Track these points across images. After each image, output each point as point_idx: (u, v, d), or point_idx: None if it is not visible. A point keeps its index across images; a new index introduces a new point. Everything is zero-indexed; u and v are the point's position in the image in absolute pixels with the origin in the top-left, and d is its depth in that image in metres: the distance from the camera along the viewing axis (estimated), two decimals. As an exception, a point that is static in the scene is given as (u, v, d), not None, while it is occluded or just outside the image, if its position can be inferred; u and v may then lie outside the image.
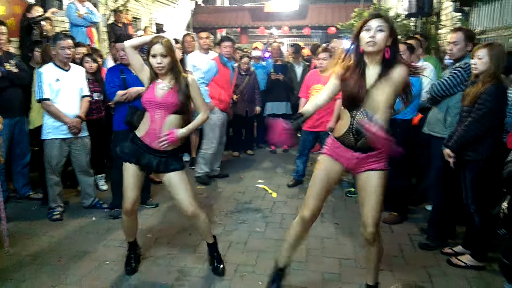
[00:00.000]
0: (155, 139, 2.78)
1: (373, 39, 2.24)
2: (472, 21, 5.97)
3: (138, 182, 2.89)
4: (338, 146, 2.46)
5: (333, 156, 2.50)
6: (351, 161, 2.44)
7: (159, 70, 2.73)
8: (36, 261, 3.20)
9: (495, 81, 2.91)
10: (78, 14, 6.70)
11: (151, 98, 2.77)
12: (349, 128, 2.39)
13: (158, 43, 2.70)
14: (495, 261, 3.13)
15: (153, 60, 2.72)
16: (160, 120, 2.77)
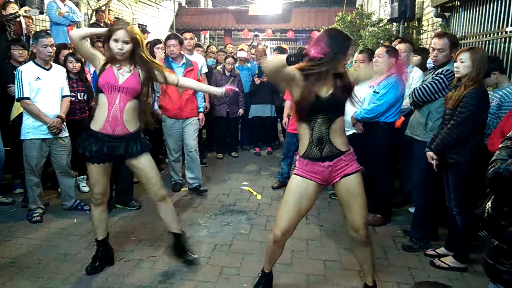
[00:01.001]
0: (117, 124, 2.77)
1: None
2: (453, 27, 6.09)
3: (103, 175, 2.90)
4: (305, 163, 2.44)
5: (304, 176, 2.46)
6: (323, 173, 2.43)
7: (120, 56, 2.73)
8: (16, 265, 3.12)
9: (477, 84, 2.96)
10: (58, 13, 6.59)
11: (112, 81, 2.73)
12: (310, 141, 2.39)
13: (122, 29, 2.69)
14: (477, 263, 3.19)
15: (114, 45, 2.71)
16: (121, 105, 2.76)
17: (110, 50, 2.75)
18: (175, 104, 4.60)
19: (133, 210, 4.23)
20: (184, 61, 4.64)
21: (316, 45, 2.20)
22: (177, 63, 4.60)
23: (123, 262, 3.19)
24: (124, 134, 2.80)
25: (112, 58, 2.77)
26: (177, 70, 4.51)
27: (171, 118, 4.67)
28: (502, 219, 1.70)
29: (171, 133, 4.71)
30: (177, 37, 4.63)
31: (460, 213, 3.12)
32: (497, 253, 1.70)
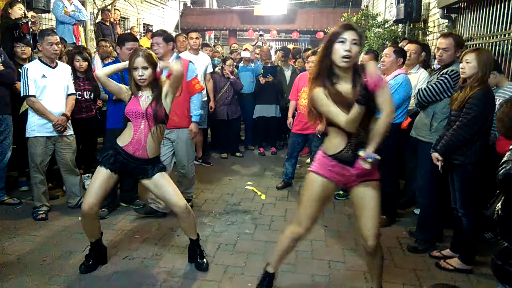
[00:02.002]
0: (139, 149, 2.83)
1: (349, 53, 2.19)
2: (459, 28, 6.07)
3: (104, 187, 2.86)
4: (333, 164, 2.37)
5: (327, 176, 2.40)
6: (349, 178, 2.38)
7: (141, 82, 2.79)
8: (21, 262, 3.12)
9: (483, 85, 2.95)
10: (65, 12, 6.62)
11: (137, 109, 2.80)
12: (347, 143, 2.31)
13: (138, 56, 2.75)
14: (482, 265, 3.17)
15: (135, 73, 2.77)
16: (146, 130, 2.83)
17: (134, 81, 2.81)
18: None
19: (137, 208, 4.23)
20: (172, 59, 4.02)
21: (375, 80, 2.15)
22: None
23: (128, 261, 3.19)
24: (143, 158, 2.86)
25: (136, 86, 2.85)
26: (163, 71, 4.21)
27: None
28: (512, 220, 1.69)
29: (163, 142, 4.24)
30: (163, 34, 3.99)
31: (466, 215, 3.11)
32: (507, 254, 1.69)
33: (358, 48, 2.21)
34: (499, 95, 3.41)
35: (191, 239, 3.12)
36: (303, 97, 4.89)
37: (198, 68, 5.71)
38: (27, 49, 4.58)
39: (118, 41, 4.16)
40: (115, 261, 3.18)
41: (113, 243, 3.47)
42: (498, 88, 3.48)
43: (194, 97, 4.08)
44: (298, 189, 5.11)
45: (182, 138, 4.04)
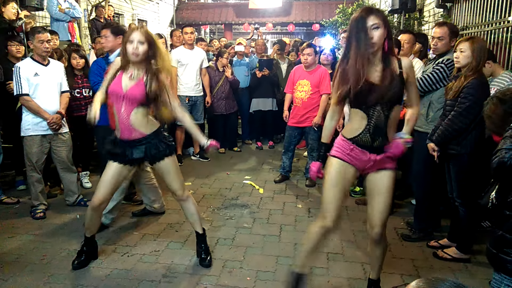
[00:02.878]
0: (130, 131, 2.77)
1: (371, 40, 2.15)
2: (454, 17, 6.05)
3: (116, 181, 2.86)
4: (352, 148, 2.35)
5: (345, 160, 2.37)
6: (366, 164, 2.36)
7: (134, 57, 2.66)
8: (19, 260, 3.13)
9: (477, 74, 2.95)
10: (59, 9, 6.58)
11: (117, 90, 2.71)
12: (366, 127, 2.29)
13: (136, 30, 2.67)
14: (480, 253, 3.19)
15: (129, 46, 2.65)
16: (126, 113, 2.74)
17: (125, 55, 2.70)
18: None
19: (135, 204, 4.23)
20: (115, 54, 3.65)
21: None
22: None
23: (127, 257, 3.19)
24: (140, 137, 2.80)
25: (126, 64, 2.74)
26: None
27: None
28: (507, 208, 1.69)
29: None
30: (111, 27, 3.75)
31: (462, 204, 3.12)
32: (502, 242, 1.69)
33: (380, 32, 2.15)
34: (494, 84, 3.41)
35: (196, 232, 3.14)
36: (299, 90, 4.88)
37: (193, 63, 5.76)
38: (21, 47, 4.55)
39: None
40: (114, 258, 3.18)
41: (112, 240, 3.47)
42: (492, 78, 3.48)
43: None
44: (295, 182, 5.12)
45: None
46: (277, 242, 3.49)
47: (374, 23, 2.15)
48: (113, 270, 3.00)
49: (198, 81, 5.87)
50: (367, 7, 2.24)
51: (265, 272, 3.00)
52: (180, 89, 5.74)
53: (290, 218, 3.99)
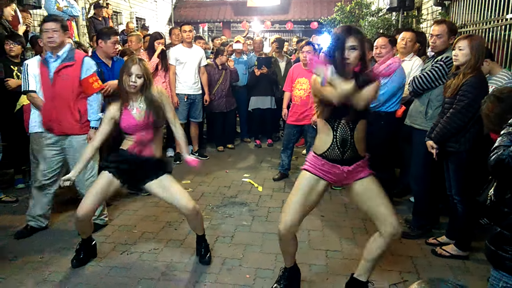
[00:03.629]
0: (144, 149, 2.87)
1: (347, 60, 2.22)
2: (452, 15, 6.05)
3: (104, 192, 2.87)
4: (323, 163, 2.40)
5: (317, 175, 2.42)
6: (340, 176, 2.40)
7: (132, 89, 2.80)
8: (18, 258, 3.13)
9: (476, 72, 2.95)
10: (57, 7, 6.56)
11: (133, 123, 2.82)
12: (333, 141, 2.34)
13: (136, 63, 2.78)
14: (478, 251, 3.20)
15: (128, 79, 2.78)
16: (146, 137, 2.87)
17: (123, 87, 2.81)
18: (46, 111, 3.40)
19: (145, 195, 4.31)
20: (61, 54, 3.38)
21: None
22: (53, 58, 3.37)
23: (126, 255, 3.20)
24: (150, 155, 2.89)
25: (126, 97, 2.84)
26: (51, 66, 3.37)
27: (44, 131, 3.47)
28: (505, 205, 1.69)
29: (45, 150, 3.46)
30: (61, 21, 3.39)
31: (461, 201, 3.13)
32: (500, 240, 1.70)
33: (356, 53, 2.23)
34: (492, 82, 3.41)
35: (197, 234, 3.15)
36: (298, 88, 4.88)
37: (192, 61, 5.75)
38: (16, 47, 4.54)
39: (100, 35, 4.15)
40: (113, 256, 3.19)
41: (111, 238, 3.48)
42: (491, 76, 3.48)
43: (92, 98, 3.48)
44: (294, 180, 5.09)
45: (76, 147, 3.42)
46: (276, 239, 3.46)
47: (352, 44, 2.22)
48: (112, 268, 3.01)
49: (197, 79, 5.86)
50: (348, 27, 2.32)
51: (264, 269, 3.01)
52: (178, 87, 5.74)
53: (289, 216, 3.99)
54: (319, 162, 2.41)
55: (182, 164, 5.61)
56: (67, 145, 3.45)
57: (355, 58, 2.24)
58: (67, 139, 3.45)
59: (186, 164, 3.09)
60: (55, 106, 3.36)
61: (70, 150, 3.45)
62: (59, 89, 3.36)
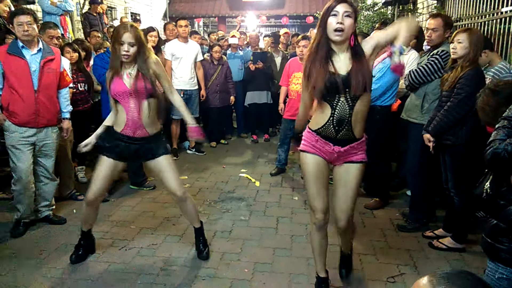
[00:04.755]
0: (136, 128, 2.79)
1: (341, 25, 2.13)
2: (448, 9, 6.06)
3: (109, 176, 2.87)
4: (316, 139, 2.35)
5: (314, 153, 2.38)
6: (331, 155, 2.35)
7: (125, 58, 2.72)
8: (18, 256, 3.12)
9: (474, 65, 2.97)
10: (51, 2, 6.53)
11: (123, 89, 2.74)
12: (329, 119, 2.26)
13: (127, 31, 2.69)
14: (475, 243, 3.23)
15: (120, 48, 2.69)
16: (136, 108, 2.77)
17: (115, 57, 2.74)
18: (28, 106, 3.31)
19: (148, 189, 4.41)
20: (41, 47, 3.36)
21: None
22: (30, 50, 3.31)
23: (124, 251, 3.20)
24: (144, 136, 2.83)
25: (118, 66, 2.76)
26: (30, 59, 3.30)
27: (21, 126, 3.33)
28: (501, 198, 1.71)
29: (19, 146, 3.34)
30: (31, 13, 3.30)
31: (457, 194, 3.15)
32: (496, 232, 1.72)
33: (351, 21, 2.15)
34: (490, 74, 3.41)
35: (194, 227, 3.15)
36: (294, 82, 4.88)
37: (188, 56, 5.73)
38: None
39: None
40: (112, 252, 3.19)
41: (109, 234, 3.48)
42: (490, 67, 3.48)
43: (65, 91, 3.64)
44: (291, 175, 5.14)
45: (53, 138, 3.49)
46: (274, 234, 3.51)
47: (347, 10, 2.14)
48: (111, 264, 3.01)
49: (193, 74, 5.85)
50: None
51: (262, 264, 3.02)
52: (174, 82, 5.71)
53: (286, 210, 4.01)
54: (313, 138, 2.36)
55: (179, 160, 5.63)
56: (42, 137, 3.42)
57: (350, 26, 2.16)
58: (43, 131, 3.43)
59: (190, 133, 3.05)
60: (40, 99, 3.33)
61: (47, 141, 3.45)
62: (45, 82, 3.35)
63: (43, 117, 3.37)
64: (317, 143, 2.35)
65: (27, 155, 3.36)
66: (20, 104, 3.28)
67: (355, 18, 2.19)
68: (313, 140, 2.36)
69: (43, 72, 3.33)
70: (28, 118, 3.31)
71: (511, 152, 1.59)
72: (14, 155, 3.34)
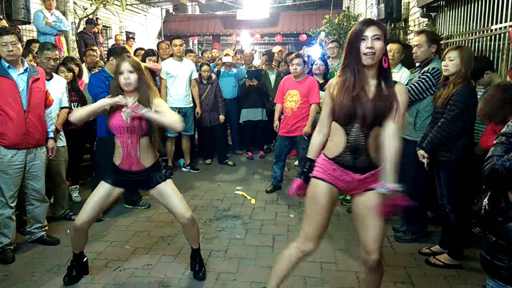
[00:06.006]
0: (132, 163, 2.79)
1: (372, 50, 2.05)
2: (439, 26, 6.16)
3: (102, 201, 2.84)
4: (334, 168, 2.22)
5: (327, 180, 2.25)
6: (351, 184, 2.22)
7: (127, 87, 2.71)
8: (9, 277, 3.07)
9: (466, 82, 3.01)
10: (46, 22, 6.56)
11: (120, 123, 2.74)
12: (345, 146, 2.17)
13: (124, 60, 2.71)
14: (471, 259, 3.22)
15: (121, 77, 2.71)
16: (133, 144, 2.76)
17: (118, 87, 2.75)
18: (17, 126, 3.24)
19: (143, 208, 4.41)
20: (27, 66, 3.35)
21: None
22: (16, 70, 3.27)
23: (118, 272, 3.15)
24: (140, 170, 2.82)
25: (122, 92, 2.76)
26: (17, 78, 3.26)
27: (9, 148, 3.25)
28: (499, 215, 1.70)
29: (9, 171, 3.27)
30: (15, 33, 3.26)
31: (453, 210, 3.15)
32: (495, 249, 1.70)
33: (382, 44, 2.07)
34: None
35: (192, 247, 3.11)
36: (289, 99, 4.91)
37: (183, 75, 5.76)
38: None
39: (113, 53, 4.14)
40: (106, 272, 3.14)
41: (103, 254, 3.43)
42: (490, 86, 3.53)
43: (48, 110, 3.60)
44: (287, 191, 5.11)
45: (41, 158, 3.47)
46: (271, 252, 3.48)
47: (376, 33, 2.07)
48: (105, 286, 2.96)
49: (188, 92, 5.87)
50: (368, 19, 2.19)
51: (259, 283, 2.98)
52: (169, 101, 5.73)
53: (282, 228, 3.99)
54: (330, 166, 2.23)
55: (174, 178, 5.57)
56: (31, 158, 3.38)
57: (381, 50, 2.07)
58: (33, 151, 3.38)
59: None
60: (30, 119, 3.29)
61: (35, 162, 3.40)
62: (34, 102, 3.33)
63: (33, 137, 3.33)
64: (334, 172, 2.23)
65: (16, 180, 3.31)
66: (9, 125, 3.20)
67: (386, 39, 2.11)
68: (329, 168, 2.24)
69: (31, 91, 3.30)
70: (18, 139, 3.24)
71: (509, 168, 1.59)
72: (3, 180, 3.26)
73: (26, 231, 3.60)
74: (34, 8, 6.77)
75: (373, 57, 2.07)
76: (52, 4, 6.81)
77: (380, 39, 2.07)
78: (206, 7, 18.87)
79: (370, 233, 2.21)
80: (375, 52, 2.06)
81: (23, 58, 3.38)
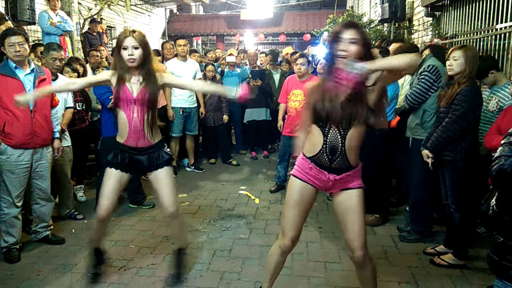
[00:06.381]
0: (139, 138, 2.75)
1: (345, 52, 2.07)
2: (443, 26, 6.14)
3: (117, 189, 2.83)
4: (311, 167, 2.25)
5: (304, 179, 2.29)
6: (326, 183, 2.26)
7: (131, 63, 2.65)
8: (15, 276, 3.09)
9: (470, 81, 3.00)
10: (50, 23, 6.58)
11: (128, 96, 2.68)
12: (322, 147, 2.18)
13: (128, 35, 2.63)
14: (476, 259, 3.21)
15: (124, 53, 2.64)
16: (140, 118, 2.72)
17: (121, 62, 2.68)
18: (24, 126, 3.27)
19: (147, 208, 4.42)
20: (33, 67, 3.38)
21: None
22: (23, 70, 3.30)
23: (123, 271, 3.17)
24: (147, 146, 2.80)
25: (123, 72, 2.70)
26: (24, 79, 3.29)
27: (16, 148, 3.28)
28: (507, 215, 1.68)
29: (16, 171, 3.29)
30: (22, 33, 3.29)
31: (458, 210, 3.14)
32: (503, 249, 1.68)
33: (357, 48, 2.07)
34: (497, 95, 3.47)
35: (179, 248, 3.08)
36: (293, 99, 4.91)
37: (187, 75, 5.77)
38: None
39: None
40: (111, 272, 3.15)
41: (108, 254, 3.44)
42: (496, 87, 3.53)
43: (55, 111, 3.66)
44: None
45: (47, 158, 3.49)
46: (275, 252, 3.47)
47: (353, 37, 2.07)
48: (110, 285, 2.98)
49: (192, 92, 5.88)
50: (348, 20, 2.21)
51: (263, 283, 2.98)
52: (174, 101, 5.75)
53: (286, 228, 3.98)
54: (307, 165, 2.26)
55: (178, 177, 5.61)
56: (38, 158, 3.39)
57: (355, 54, 2.06)
58: (39, 151, 3.40)
59: (238, 98, 2.77)
60: (36, 119, 3.31)
61: (42, 162, 3.42)
62: (40, 102, 3.34)
63: (39, 137, 3.35)
64: (311, 170, 2.26)
65: (23, 180, 3.33)
66: (16, 125, 3.23)
67: (365, 44, 2.09)
68: (306, 167, 2.27)
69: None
70: (25, 139, 3.26)
71: None
72: (10, 180, 3.28)
73: (31, 230, 3.63)
74: (39, 8, 6.79)
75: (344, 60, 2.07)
76: (57, 4, 6.83)
77: (357, 44, 2.07)
78: (210, 7, 18.88)
79: (352, 232, 2.26)
80: (348, 55, 2.06)
81: (29, 59, 3.40)
